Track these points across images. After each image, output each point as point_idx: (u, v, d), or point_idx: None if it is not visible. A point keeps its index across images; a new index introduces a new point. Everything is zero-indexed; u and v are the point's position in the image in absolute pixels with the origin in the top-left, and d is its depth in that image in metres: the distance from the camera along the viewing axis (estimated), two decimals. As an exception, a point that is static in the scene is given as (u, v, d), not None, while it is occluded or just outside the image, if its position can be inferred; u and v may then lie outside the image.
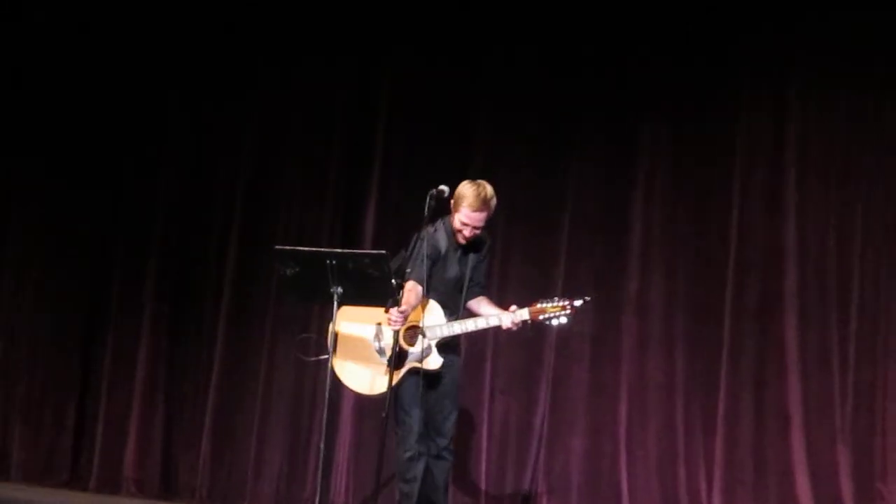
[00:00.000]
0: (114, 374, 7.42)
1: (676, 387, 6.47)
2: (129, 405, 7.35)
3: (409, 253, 5.25)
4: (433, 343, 5.24)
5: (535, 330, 5.56)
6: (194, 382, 7.35)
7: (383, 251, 4.99)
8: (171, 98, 7.45)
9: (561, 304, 5.27)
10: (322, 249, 5.23)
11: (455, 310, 5.39)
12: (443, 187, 5.16)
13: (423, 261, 5.13)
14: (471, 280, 5.43)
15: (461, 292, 5.38)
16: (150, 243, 7.46)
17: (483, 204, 5.29)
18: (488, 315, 5.36)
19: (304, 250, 5.21)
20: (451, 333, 5.30)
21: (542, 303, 5.29)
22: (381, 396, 5.18)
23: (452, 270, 5.40)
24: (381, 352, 5.26)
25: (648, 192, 6.64)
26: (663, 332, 6.53)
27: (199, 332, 7.34)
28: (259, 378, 7.11)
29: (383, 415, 5.08)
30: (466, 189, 5.30)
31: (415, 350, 5.19)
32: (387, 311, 5.07)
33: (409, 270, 5.22)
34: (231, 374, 7.23)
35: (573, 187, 6.75)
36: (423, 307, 5.28)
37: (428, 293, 5.25)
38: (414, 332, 5.24)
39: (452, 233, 5.38)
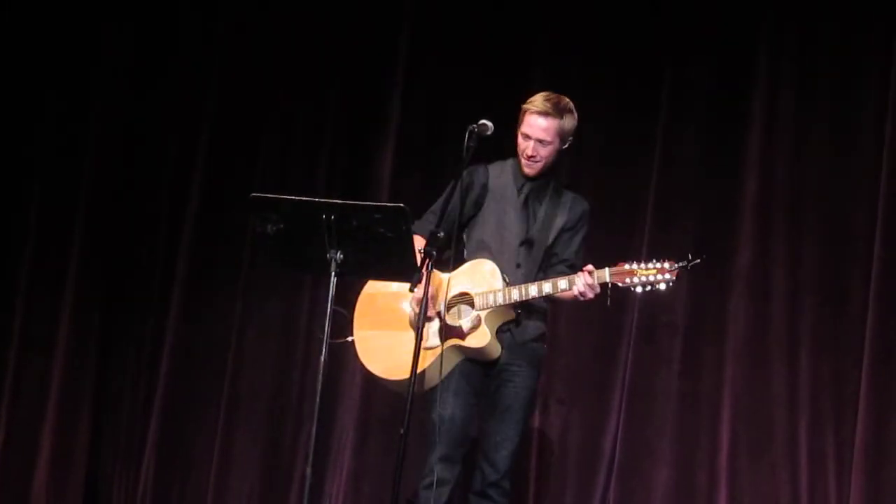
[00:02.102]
0: (20, 367, 6.76)
1: (800, 401, 5.85)
2: (40, 410, 6.70)
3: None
4: (482, 315, 4.85)
5: (615, 303, 4.93)
6: (134, 379, 6.77)
7: (401, 204, 4.63)
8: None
9: (658, 265, 4.76)
10: (316, 199, 4.82)
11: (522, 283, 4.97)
12: (486, 122, 4.74)
13: (448, 200, 4.79)
14: (555, 254, 4.98)
15: (537, 264, 4.92)
16: (78, 187, 6.83)
17: (554, 109, 4.84)
18: (555, 276, 4.89)
19: (290, 199, 4.78)
20: (508, 301, 4.84)
21: (631, 264, 4.81)
22: (409, 383, 4.78)
23: (515, 221, 4.96)
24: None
25: (767, 129, 6.04)
26: (784, 324, 5.91)
27: (142, 308, 6.80)
28: (224, 374, 6.56)
29: (401, 431, 4.56)
30: (536, 94, 4.95)
31: (455, 325, 4.86)
32: (412, 290, 4.69)
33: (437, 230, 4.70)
34: (186, 369, 6.68)
35: (665, 119, 6.18)
36: (475, 267, 4.92)
37: (467, 250, 4.94)
38: (460, 300, 4.90)
39: (521, 173, 4.98)
